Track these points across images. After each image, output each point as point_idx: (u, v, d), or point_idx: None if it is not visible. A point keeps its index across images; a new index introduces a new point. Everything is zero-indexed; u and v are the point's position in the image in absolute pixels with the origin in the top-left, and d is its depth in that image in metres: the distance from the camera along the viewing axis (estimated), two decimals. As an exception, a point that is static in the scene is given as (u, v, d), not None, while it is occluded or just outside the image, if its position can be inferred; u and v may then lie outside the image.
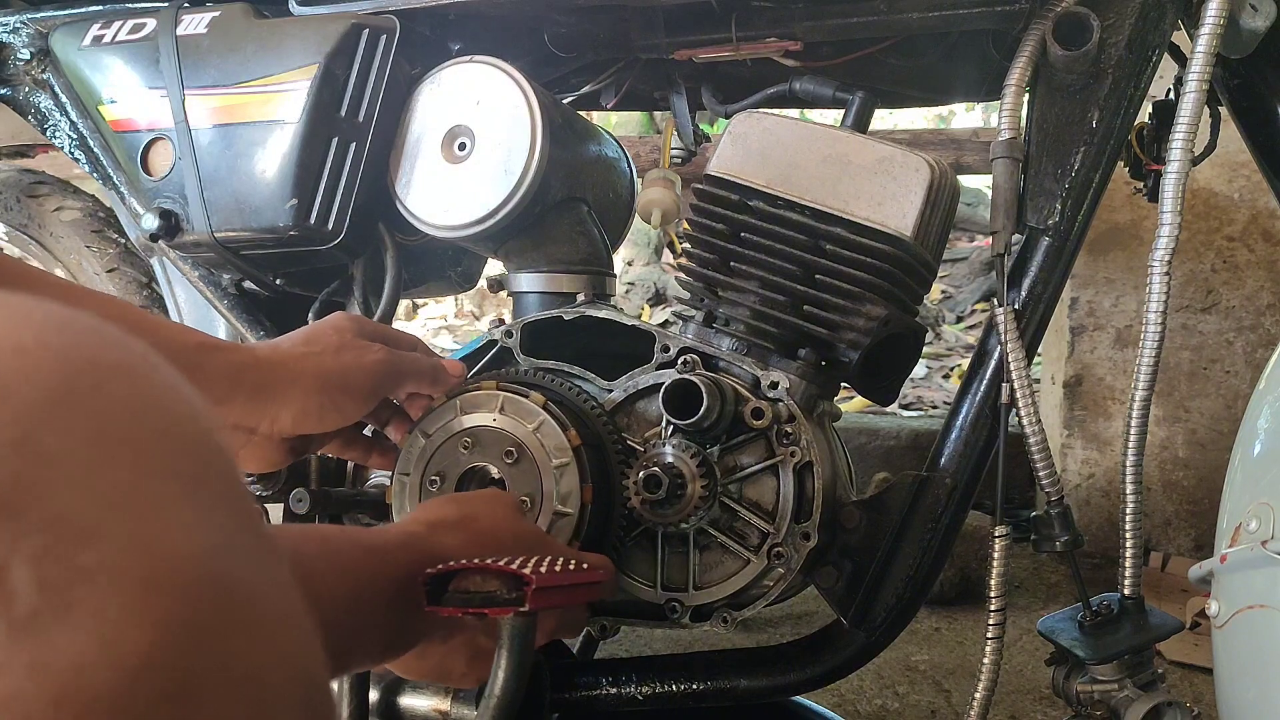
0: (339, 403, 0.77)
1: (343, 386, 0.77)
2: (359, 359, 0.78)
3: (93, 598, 0.25)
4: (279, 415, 0.75)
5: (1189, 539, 2.11)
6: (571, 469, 0.82)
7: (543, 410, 0.83)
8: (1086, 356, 2.15)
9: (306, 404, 0.75)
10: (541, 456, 0.82)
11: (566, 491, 0.82)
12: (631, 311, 3.48)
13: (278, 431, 0.76)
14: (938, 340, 3.78)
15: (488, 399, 0.85)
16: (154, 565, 0.26)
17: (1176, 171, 0.83)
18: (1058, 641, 0.86)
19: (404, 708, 0.86)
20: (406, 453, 0.86)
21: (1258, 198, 2.03)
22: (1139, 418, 0.85)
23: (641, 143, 2.80)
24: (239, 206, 1.00)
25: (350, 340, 0.79)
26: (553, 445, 0.82)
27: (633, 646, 1.70)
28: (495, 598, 0.63)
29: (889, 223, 0.85)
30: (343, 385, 0.77)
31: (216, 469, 0.30)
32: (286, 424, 0.75)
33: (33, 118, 1.15)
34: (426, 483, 0.85)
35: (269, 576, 0.30)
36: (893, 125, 4.95)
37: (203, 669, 0.26)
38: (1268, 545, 0.70)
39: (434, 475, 0.85)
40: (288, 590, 0.31)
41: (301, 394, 0.75)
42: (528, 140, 0.96)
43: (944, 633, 1.83)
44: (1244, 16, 0.84)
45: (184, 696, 0.26)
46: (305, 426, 0.76)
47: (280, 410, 0.75)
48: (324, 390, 0.76)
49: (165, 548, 0.26)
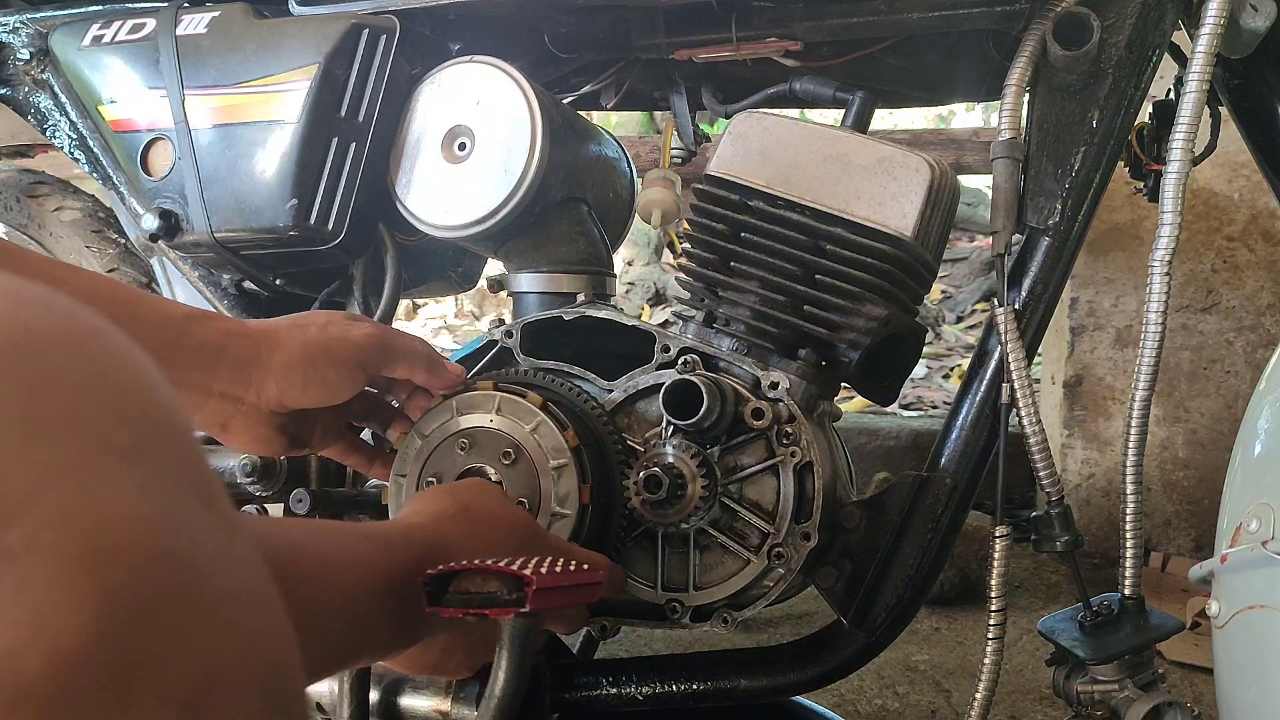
0: (324, 374, 0.76)
1: (328, 357, 0.76)
2: (345, 331, 0.78)
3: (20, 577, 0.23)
4: (264, 384, 0.74)
5: (1189, 539, 2.11)
6: (569, 470, 0.82)
7: (540, 411, 0.83)
8: (1086, 356, 2.15)
9: (290, 374, 0.75)
10: (539, 457, 0.82)
11: (565, 493, 0.81)
12: (631, 311, 3.48)
13: (264, 402, 0.75)
14: (938, 340, 3.78)
15: (484, 400, 0.84)
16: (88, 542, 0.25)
17: (1176, 171, 0.83)
18: (1058, 641, 0.86)
19: (404, 708, 0.86)
20: (403, 453, 0.86)
21: (1258, 198, 2.03)
22: (1139, 418, 0.85)
23: (641, 143, 2.80)
24: (239, 206, 1.00)
25: (339, 318, 0.79)
26: (550, 446, 0.82)
27: (633, 646, 1.70)
28: (496, 598, 0.63)
29: (889, 223, 0.85)
30: (327, 356, 0.76)
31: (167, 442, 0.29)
32: (272, 394, 0.75)
33: (33, 118, 1.15)
34: (423, 484, 0.85)
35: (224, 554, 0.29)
36: (893, 125, 4.95)
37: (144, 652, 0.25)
38: (1268, 545, 0.70)
39: (431, 476, 0.84)
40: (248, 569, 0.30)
41: (285, 363, 0.75)
42: (528, 140, 0.96)
43: (944, 633, 1.83)
44: (1244, 16, 0.84)
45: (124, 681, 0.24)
46: (290, 397, 0.76)
47: (265, 379, 0.74)
48: (308, 360, 0.75)
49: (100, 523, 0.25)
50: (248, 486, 0.97)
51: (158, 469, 0.28)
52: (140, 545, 0.26)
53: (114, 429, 0.27)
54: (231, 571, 0.29)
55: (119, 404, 0.28)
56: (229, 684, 0.27)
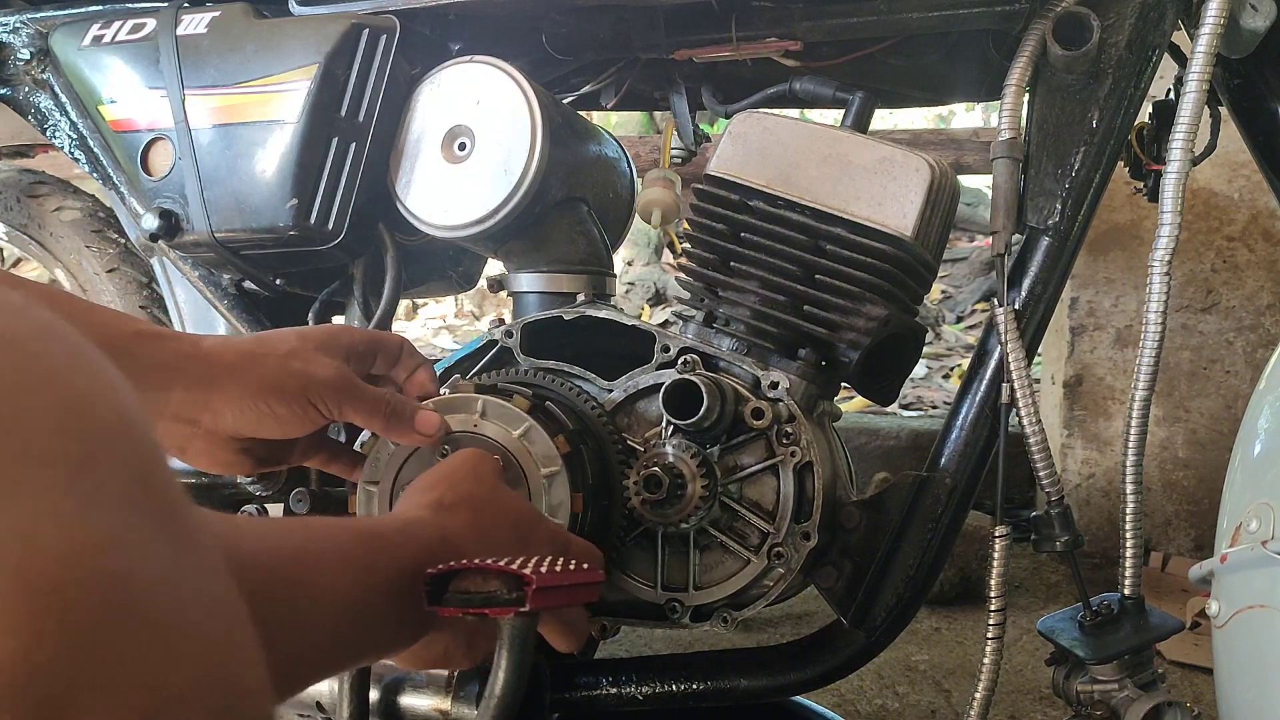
0: (276, 412, 0.72)
1: (281, 395, 0.72)
2: (306, 367, 0.73)
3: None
4: (220, 411, 0.71)
5: (1189, 539, 2.11)
6: (561, 478, 0.79)
7: (528, 416, 0.79)
8: (1086, 356, 2.15)
9: (243, 406, 0.71)
10: (529, 466, 0.79)
11: (557, 502, 0.79)
12: (631, 311, 3.48)
13: (221, 429, 0.72)
14: (938, 340, 3.78)
15: (466, 402, 0.80)
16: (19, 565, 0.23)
17: (1176, 171, 0.83)
18: (1058, 641, 0.86)
19: (404, 707, 0.86)
20: (373, 459, 0.82)
21: (1258, 198, 2.03)
22: (1139, 418, 0.85)
23: (641, 143, 2.80)
24: (239, 206, 1.00)
25: (303, 350, 0.74)
26: (541, 454, 0.79)
27: (633, 646, 1.70)
28: (496, 598, 0.63)
29: (889, 223, 0.85)
30: (281, 394, 0.72)
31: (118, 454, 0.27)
32: (228, 422, 0.72)
33: (33, 118, 1.15)
34: (398, 493, 0.80)
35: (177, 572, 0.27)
36: (893, 125, 4.95)
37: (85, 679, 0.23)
38: (1268, 545, 0.70)
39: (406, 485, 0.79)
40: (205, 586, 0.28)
41: (239, 395, 0.71)
42: (528, 140, 0.96)
43: (944, 633, 1.83)
44: (1244, 16, 0.84)
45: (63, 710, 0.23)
46: (246, 430, 0.73)
47: (221, 407, 0.71)
48: (262, 395, 0.72)
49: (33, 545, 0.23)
50: (248, 486, 0.97)
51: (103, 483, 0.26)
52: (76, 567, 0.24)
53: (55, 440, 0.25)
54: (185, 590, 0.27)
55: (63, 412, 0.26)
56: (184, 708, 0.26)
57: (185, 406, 0.71)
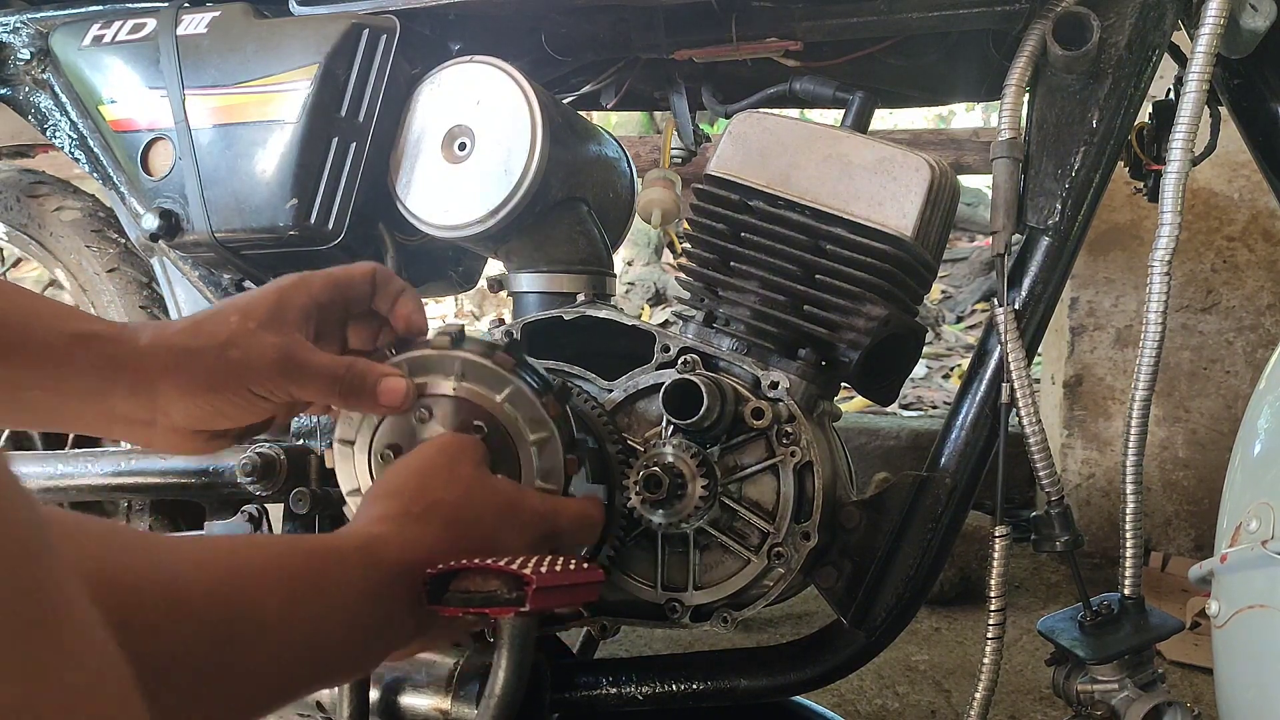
0: (221, 409, 0.69)
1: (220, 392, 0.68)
2: (241, 360, 0.68)
3: None
4: (169, 409, 0.67)
5: (1189, 539, 2.12)
6: (553, 443, 0.75)
7: (512, 376, 0.74)
8: (1086, 356, 2.15)
9: (186, 405, 0.68)
10: (516, 432, 0.74)
11: (548, 468, 0.75)
12: (631, 311, 3.48)
13: (178, 424, 0.69)
14: (938, 340, 3.78)
15: (441, 363, 0.74)
16: None
17: (1176, 171, 0.83)
18: (1058, 641, 0.86)
19: (404, 707, 0.86)
20: (347, 416, 0.77)
21: (1258, 198, 2.03)
22: (1139, 418, 0.85)
23: (641, 143, 2.80)
24: (239, 206, 1.00)
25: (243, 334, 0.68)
26: (528, 417, 0.74)
27: (633, 646, 1.70)
28: (496, 598, 0.63)
29: (889, 223, 0.85)
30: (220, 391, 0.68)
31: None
32: (180, 419, 0.68)
33: (33, 118, 1.15)
34: (378, 456, 0.76)
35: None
36: (893, 125, 4.95)
37: None
38: (1268, 545, 0.70)
39: (386, 448, 0.76)
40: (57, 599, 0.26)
41: (179, 396, 0.67)
42: (528, 140, 0.96)
43: (944, 633, 1.83)
44: (1244, 16, 0.84)
45: None
46: (201, 424, 0.69)
47: (169, 404, 0.67)
48: (201, 394, 0.68)
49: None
50: (248, 486, 0.97)
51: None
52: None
53: None
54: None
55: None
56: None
57: (133, 409, 0.68)
